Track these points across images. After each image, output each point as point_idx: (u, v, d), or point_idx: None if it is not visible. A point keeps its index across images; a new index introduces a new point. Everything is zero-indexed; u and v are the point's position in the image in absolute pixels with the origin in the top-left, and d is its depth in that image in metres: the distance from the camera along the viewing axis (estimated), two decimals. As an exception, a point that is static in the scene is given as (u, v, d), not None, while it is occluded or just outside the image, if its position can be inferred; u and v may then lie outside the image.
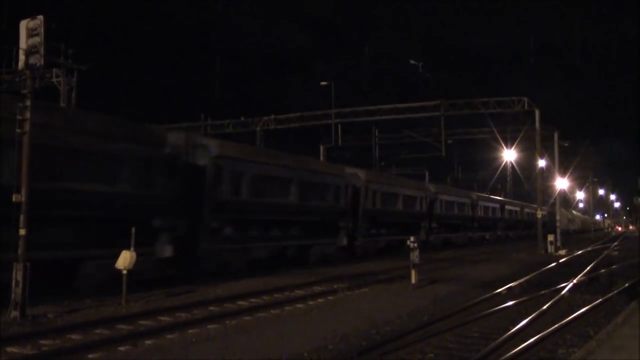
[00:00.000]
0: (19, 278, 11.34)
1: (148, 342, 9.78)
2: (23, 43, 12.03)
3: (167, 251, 16.94)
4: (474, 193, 53.44)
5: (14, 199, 11.64)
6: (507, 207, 60.29)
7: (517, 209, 63.85)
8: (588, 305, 13.32)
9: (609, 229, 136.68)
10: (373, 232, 30.92)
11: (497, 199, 60.62)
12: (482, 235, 51.98)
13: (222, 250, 19.46)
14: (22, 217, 11.64)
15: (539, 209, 38.58)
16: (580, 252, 36.11)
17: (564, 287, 16.41)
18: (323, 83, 43.11)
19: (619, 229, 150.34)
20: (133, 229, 13.70)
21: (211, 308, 13.16)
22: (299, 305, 13.69)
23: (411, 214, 35.93)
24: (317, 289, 16.41)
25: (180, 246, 17.25)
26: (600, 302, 13.89)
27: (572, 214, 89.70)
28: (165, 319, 11.83)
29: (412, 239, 17.95)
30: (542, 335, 9.96)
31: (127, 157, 15.68)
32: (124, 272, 13.29)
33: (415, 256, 17.26)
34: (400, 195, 34.24)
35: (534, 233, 58.19)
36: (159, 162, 16.77)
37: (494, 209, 55.40)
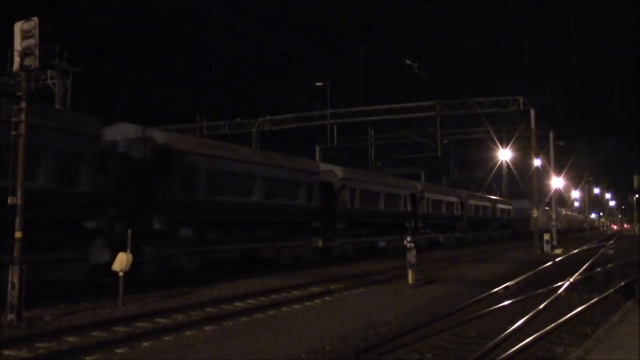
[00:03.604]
0: (15, 281, 11.28)
1: (145, 344, 9.75)
2: (18, 45, 11.98)
3: (319, 243, 25.61)
4: (492, 197, 58.21)
5: (9, 202, 11.60)
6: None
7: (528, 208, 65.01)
8: (585, 304, 13.35)
9: (605, 228, 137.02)
10: (422, 231, 37.72)
11: (509, 201, 63.41)
12: (502, 233, 56.48)
13: (343, 244, 27.59)
14: (18, 220, 11.59)
15: (534, 208, 38.62)
16: (576, 251, 36.21)
17: (560, 286, 16.44)
18: (318, 84, 43.17)
19: (615, 227, 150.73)
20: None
21: (208, 309, 13.13)
22: (296, 306, 13.68)
23: (451, 217, 43.32)
24: (314, 289, 16.40)
25: (324, 240, 25.94)
26: (597, 300, 13.91)
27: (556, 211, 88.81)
28: (162, 320, 11.80)
29: (408, 238, 18.11)
30: (540, 334, 9.96)
31: (302, 182, 23.76)
32: (120, 274, 13.24)
33: (412, 256, 17.26)
34: (444, 201, 41.77)
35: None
36: (315, 184, 24.76)
37: (508, 210, 60.07)
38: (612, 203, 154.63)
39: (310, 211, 24.49)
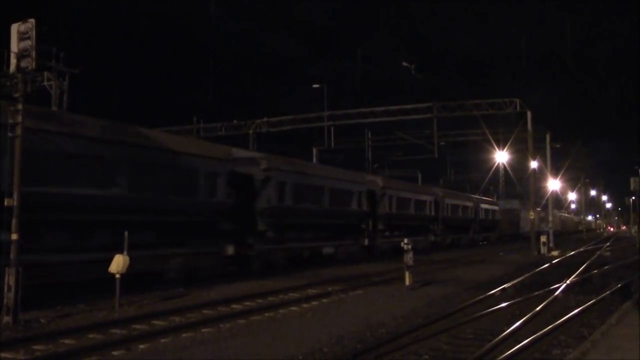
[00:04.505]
0: (11, 283, 11.25)
1: (142, 346, 9.73)
2: (14, 46, 11.95)
3: (230, 250, 20.10)
4: (475, 196, 54.27)
5: (5, 203, 11.57)
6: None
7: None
8: (582, 305, 13.36)
9: (601, 230, 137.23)
10: (388, 234, 32.54)
11: (494, 200, 61.71)
12: (485, 236, 52.61)
13: (270, 251, 22.34)
14: (14, 222, 11.56)
15: (532, 210, 38.68)
16: (572, 253, 36.22)
17: (557, 288, 16.44)
18: (315, 85, 43.22)
19: (611, 229, 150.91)
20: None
21: (205, 311, 13.11)
22: (293, 308, 13.66)
23: (422, 218, 37.98)
24: (311, 291, 16.39)
25: (239, 246, 20.47)
26: (593, 302, 13.92)
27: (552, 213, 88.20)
28: (159, 322, 11.77)
29: (405, 240, 18.05)
30: (537, 336, 9.96)
31: (201, 171, 18.28)
32: (117, 276, 13.21)
33: (409, 258, 17.26)
34: (413, 200, 36.28)
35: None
36: (222, 175, 19.25)
37: (494, 211, 56.68)
38: (608, 205, 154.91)
39: (214, 209, 19.02)
